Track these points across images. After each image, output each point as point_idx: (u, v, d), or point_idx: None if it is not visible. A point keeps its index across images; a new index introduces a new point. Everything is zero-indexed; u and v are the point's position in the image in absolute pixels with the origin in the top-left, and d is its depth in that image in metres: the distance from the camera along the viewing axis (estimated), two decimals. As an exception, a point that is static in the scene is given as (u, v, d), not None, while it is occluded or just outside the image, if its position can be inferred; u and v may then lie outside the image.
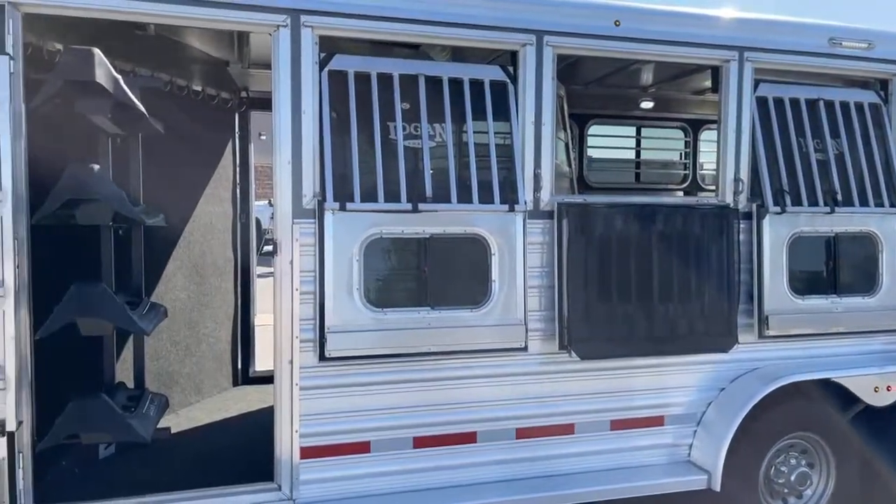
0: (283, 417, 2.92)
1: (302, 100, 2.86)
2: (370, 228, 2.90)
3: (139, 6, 2.67)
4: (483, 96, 3.10)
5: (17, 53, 2.51)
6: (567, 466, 3.29)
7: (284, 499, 2.94)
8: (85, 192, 2.43)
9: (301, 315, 2.89)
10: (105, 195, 2.47)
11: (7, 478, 2.55)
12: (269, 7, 2.80)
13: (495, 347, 3.06)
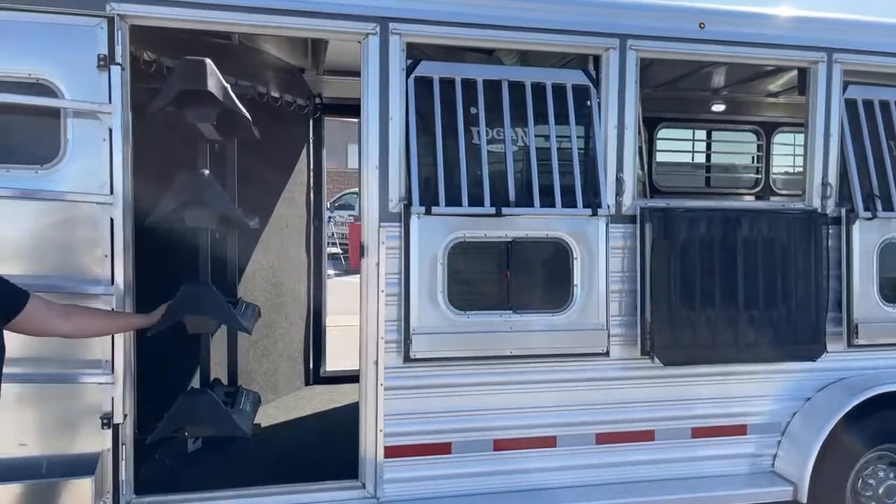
0: (368, 417, 2.97)
1: (389, 106, 2.92)
2: (454, 232, 2.94)
3: (237, 17, 2.77)
4: (565, 100, 3.11)
5: (126, 63, 2.64)
6: (646, 473, 3.26)
7: (369, 497, 2.99)
8: (197, 196, 2.54)
9: (386, 316, 2.94)
10: (215, 199, 2.58)
11: (112, 468, 2.68)
12: (359, 16, 2.87)
13: (577, 352, 3.06)
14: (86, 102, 2.55)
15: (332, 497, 2.99)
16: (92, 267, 2.62)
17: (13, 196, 2.52)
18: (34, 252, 2.57)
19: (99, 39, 2.59)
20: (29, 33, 2.54)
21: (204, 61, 2.58)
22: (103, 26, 2.59)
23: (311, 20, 2.84)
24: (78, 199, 2.57)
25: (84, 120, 2.59)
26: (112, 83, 2.54)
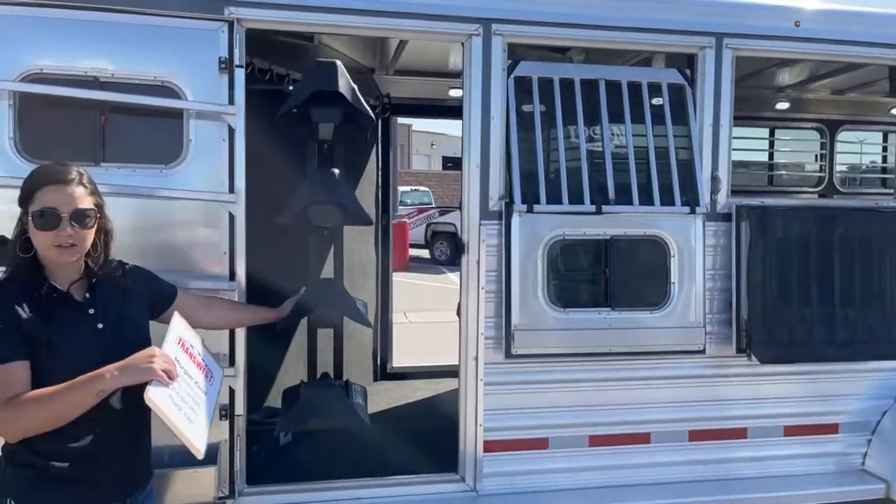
0: (468, 412, 3.03)
1: (491, 105, 2.96)
2: (554, 230, 2.98)
3: (345, 19, 2.83)
4: (661, 99, 3.13)
5: (243, 66, 2.71)
6: (738, 471, 3.27)
7: (468, 490, 3.04)
8: (326, 194, 2.61)
9: (486, 313, 2.99)
10: (342, 198, 2.65)
11: (228, 458, 2.76)
12: (463, 17, 2.92)
13: (673, 349, 3.08)
14: (209, 104, 2.63)
15: (432, 490, 3.04)
16: (211, 263, 2.70)
17: (140, 194, 2.61)
18: (158, 248, 2.65)
19: (220, 43, 2.67)
20: (154, 37, 2.62)
21: (335, 63, 2.65)
22: (224, 30, 2.67)
23: (418, 22, 2.90)
24: (200, 198, 2.65)
25: (204, 121, 2.67)
26: (236, 85, 2.61)
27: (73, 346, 1.71)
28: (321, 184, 2.63)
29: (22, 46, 2.52)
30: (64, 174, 1.75)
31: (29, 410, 1.61)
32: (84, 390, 1.62)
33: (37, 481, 1.69)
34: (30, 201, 1.72)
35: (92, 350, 1.73)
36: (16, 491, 1.69)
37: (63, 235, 1.71)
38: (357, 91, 2.74)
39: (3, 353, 1.64)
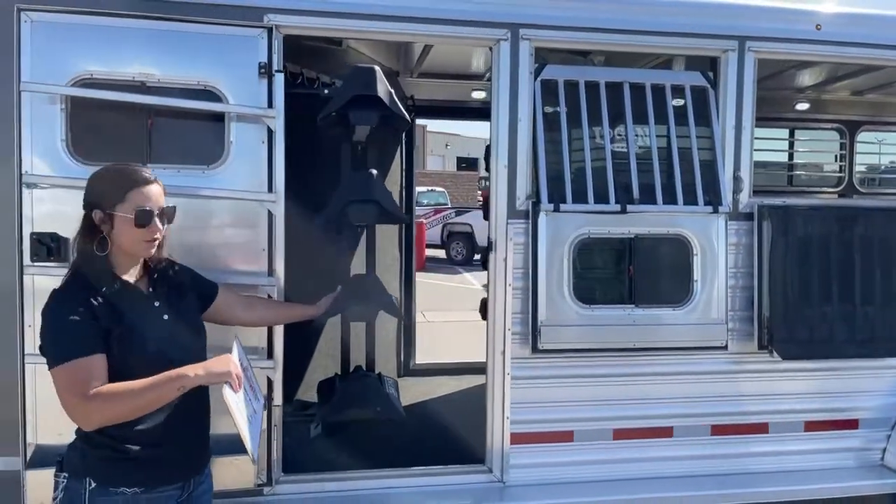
0: (495, 405, 3.12)
1: (518, 108, 3.06)
2: (579, 229, 3.06)
3: (379, 25, 2.93)
4: (684, 101, 3.21)
5: (283, 70, 2.82)
6: (759, 465, 3.34)
7: (495, 481, 3.14)
8: (365, 194, 2.72)
9: (513, 309, 3.09)
10: (381, 197, 2.75)
11: (266, 446, 2.87)
12: (492, 23, 3.01)
13: (696, 345, 3.15)
14: (250, 107, 2.74)
15: (460, 480, 3.14)
16: (251, 260, 2.82)
17: (183, 194, 2.72)
18: (200, 246, 2.77)
19: (259, 49, 2.78)
20: (197, 44, 2.74)
21: (374, 68, 2.76)
22: (263, 36, 2.78)
23: (448, 27, 2.99)
24: (241, 197, 2.76)
25: (245, 123, 2.79)
26: (275, 89, 2.72)
27: (145, 337, 1.84)
28: (360, 183, 2.74)
29: (73, 53, 2.65)
30: (148, 175, 1.93)
31: (112, 404, 1.72)
32: (168, 386, 1.75)
33: (112, 461, 1.82)
34: (120, 201, 1.85)
35: (161, 340, 1.87)
36: (94, 470, 1.82)
37: (154, 231, 1.89)
38: (394, 95, 2.84)
39: (86, 346, 1.75)
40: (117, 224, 1.85)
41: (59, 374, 1.74)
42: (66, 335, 1.75)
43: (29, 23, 2.60)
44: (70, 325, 1.75)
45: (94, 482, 1.80)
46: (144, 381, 1.74)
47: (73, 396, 1.72)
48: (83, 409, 1.72)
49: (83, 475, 1.81)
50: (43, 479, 2.66)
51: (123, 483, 1.81)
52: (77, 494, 1.81)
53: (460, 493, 3.10)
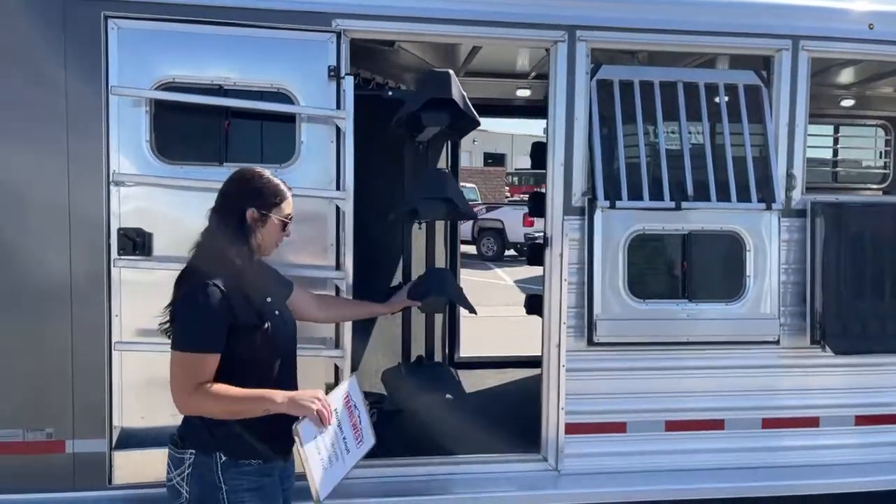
0: (551, 396, 3.22)
1: (575, 107, 3.14)
2: (634, 225, 3.15)
3: (441, 28, 3.05)
4: (737, 100, 3.27)
5: (351, 73, 2.95)
6: (809, 458, 3.39)
7: (550, 469, 3.24)
8: (439, 191, 2.84)
9: (568, 303, 3.18)
10: (453, 194, 2.87)
11: (333, 434, 3.01)
12: (550, 25, 3.10)
13: (749, 340, 3.22)
14: (322, 109, 2.87)
15: (516, 468, 3.25)
16: (319, 255, 2.95)
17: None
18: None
19: (329, 52, 2.91)
20: (271, 48, 2.88)
21: (448, 73, 2.88)
22: (333, 41, 2.91)
23: (507, 30, 3.09)
24: (313, 195, 2.89)
25: (314, 124, 2.92)
26: (346, 91, 2.85)
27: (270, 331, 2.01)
28: (434, 180, 2.86)
29: (157, 58, 2.80)
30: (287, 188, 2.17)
31: (208, 404, 1.91)
32: (257, 405, 1.92)
33: (240, 437, 1.97)
34: (277, 206, 2.10)
35: (279, 334, 2.05)
36: (225, 445, 1.96)
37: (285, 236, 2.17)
38: (466, 97, 2.95)
39: (211, 344, 1.91)
40: (269, 225, 2.07)
41: (179, 358, 1.91)
42: (200, 326, 1.91)
43: (116, 30, 2.76)
44: (206, 318, 1.91)
45: (225, 456, 1.94)
46: (239, 392, 1.91)
47: (181, 383, 1.91)
48: (184, 398, 1.91)
49: (214, 450, 1.95)
50: (128, 460, 2.84)
51: (251, 455, 1.96)
52: (208, 468, 1.95)
53: (516, 481, 3.20)
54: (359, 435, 2.05)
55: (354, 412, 2.05)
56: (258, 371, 2.00)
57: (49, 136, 2.76)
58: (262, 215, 2.06)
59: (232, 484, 1.95)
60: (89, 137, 2.77)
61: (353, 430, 2.03)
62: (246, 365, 1.97)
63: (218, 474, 1.94)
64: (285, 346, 2.10)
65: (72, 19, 2.75)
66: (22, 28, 2.74)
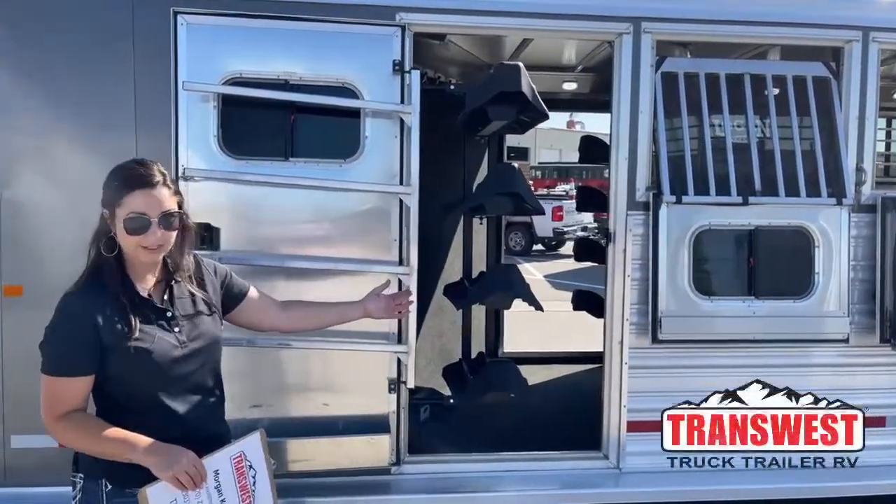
0: (612, 394, 3.18)
1: (640, 100, 3.09)
2: (700, 220, 3.09)
3: (502, 21, 3.02)
4: (806, 92, 3.19)
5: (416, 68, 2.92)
6: (873, 458, 3.31)
7: (611, 467, 3.21)
8: (509, 186, 2.82)
9: (631, 300, 3.14)
10: (522, 189, 2.85)
11: (395, 427, 3.01)
12: (614, 17, 3.05)
13: (817, 338, 3.15)
14: (388, 103, 2.86)
15: (577, 466, 3.22)
16: (382, 250, 2.94)
17: (322, 187, 2.86)
18: (337, 235, 2.92)
19: (394, 47, 2.89)
20: (336, 43, 2.87)
21: (518, 65, 2.85)
22: (398, 35, 2.89)
23: (571, 22, 3.05)
24: (377, 190, 2.88)
25: (379, 119, 2.90)
26: (412, 86, 2.83)
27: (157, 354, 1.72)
28: (505, 175, 2.83)
29: (225, 53, 2.81)
30: (150, 177, 1.72)
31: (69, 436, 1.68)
32: (117, 450, 1.65)
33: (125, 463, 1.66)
34: (117, 205, 1.70)
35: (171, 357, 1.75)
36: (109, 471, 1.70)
37: (151, 239, 1.70)
38: (535, 90, 2.92)
39: (75, 367, 1.66)
40: (117, 227, 1.71)
41: (44, 382, 1.69)
42: (63, 348, 1.68)
43: (185, 25, 2.77)
44: (70, 339, 1.67)
45: (110, 484, 1.71)
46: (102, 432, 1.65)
47: (45, 409, 1.70)
48: (48, 426, 1.71)
49: (99, 476, 1.72)
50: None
51: (136, 484, 1.64)
52: (94, 495, 1.71)
53: (578, 479, 3.18)
54: (248, 497, 1.79)
55: (248, 473, 1.79)
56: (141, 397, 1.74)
57: (118, 131, 2.78)
58: (110, 217, 1.72)
59: None
60: (158, 133, 2.79)
61: (240, 491, 1.77)
62: (126, 387, 1.72)
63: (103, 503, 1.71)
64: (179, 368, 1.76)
65: (141, 15, 2.77)
66: (91, 25, 2.76)
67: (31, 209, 2.80)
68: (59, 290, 1.62)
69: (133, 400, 1.74)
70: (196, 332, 1.82)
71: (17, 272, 2.80)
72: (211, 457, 1.71)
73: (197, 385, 1.82)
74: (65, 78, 2.78)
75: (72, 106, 2.79)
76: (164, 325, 1.77)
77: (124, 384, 1.71)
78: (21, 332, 2.79)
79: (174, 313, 1.80)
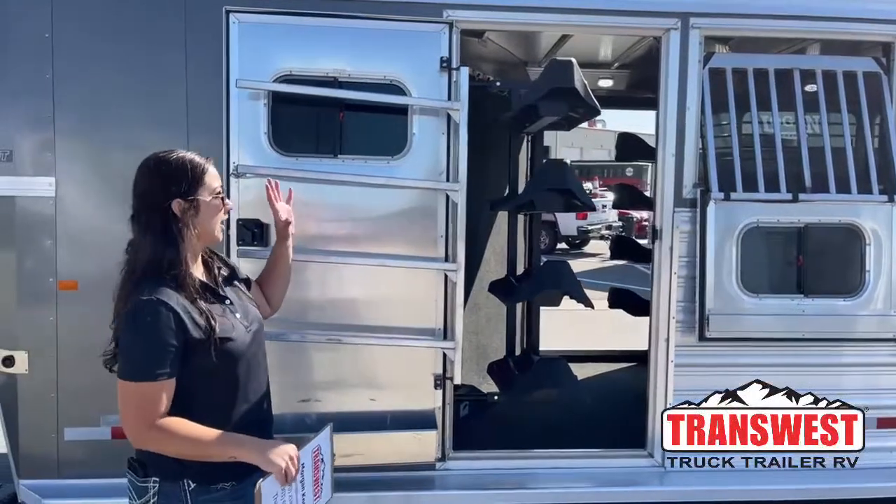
0: (658, 391, 3.16)
1: (687, 97, 3.07)
2: (748, 217, 3.06)
3: (548, 18, 3.02)
4: (856, 88, 3.14)
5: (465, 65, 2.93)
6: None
7: (657, 465, 3.19)
8: (560, 182, 2.82)
9: (678, 297, 3.12)
10: (575, 186, 2.85)
11: (441, 423, 3.02)
12: (662, 12, 3.03)
13: (868, 337, 3.11)
14: (437, 100, 2.87)
15: (622, 464, 3.21)
16: (429, 246, 2.95)
17: (370, 183, 2.88)
18: (384, 231, 2.93)
19: (441, 44, 2.90)
20: (384, 40, 2.88)
21: (571, 61, 2.85)
22: (445, 32, 2.90)
23: (617, 18, 3.04)
24: (424, 186, 2.90)
25: (426, 116, 2.92)
26: (460, 82, 2.83)
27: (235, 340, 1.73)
28: (556, 172, 2.83)
29: (276, 51, 2.83)
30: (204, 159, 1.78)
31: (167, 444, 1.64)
32: (222, 450, 1.65)
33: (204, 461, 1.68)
34: (197, 190, 1.72)
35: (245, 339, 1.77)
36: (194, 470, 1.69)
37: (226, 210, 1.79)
38: (587, 86, 2.91)
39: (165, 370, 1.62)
40: (203, 208, 1.73)
41: (131, 389, 1.63)
42: (150, 353, 1.62)
43: (237, 24, 2.80)
44: (155, 342, 1.62)
45: (194, 482, 1.69)
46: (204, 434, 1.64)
47: (136, 418, 1.64)
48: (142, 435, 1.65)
49: (181, 477, 1.69)
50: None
51: (224, 478, 1.70)
52: (175, 497, 1.70)
53: (622, 477, 3.17)
54: (319, 490, 1.84)
55: (320, 466, 1.85)
56: (224, 386, 1.74)
57: (170, 129, 2.82)
58: (189, 202, 1.71)
59: None
60: (210, 130, 2.82)
61: (314, 485, 1.82)
62: (210, 382, 1.71)
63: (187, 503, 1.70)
64: (251, 351, 1.80)
65: (193, 14, 2.80)
66: (145, 24, 2.80)
67: (86, 207, 2.85)
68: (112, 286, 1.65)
69: (213, 393, 1.73)
70: (250, 315, 1.85)
71: (73, 267, 2.85)
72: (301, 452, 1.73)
73: (261, 369, 1.85)
74: (119, 76, 2.82)
75: (125, 104, 2.83)
76: (230, 310, 1.78)
77: (208, 377, 1.70)
78: (76, 325, 2.86)
79: (232, 302, 1.81)
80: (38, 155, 2.83)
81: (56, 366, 2.88)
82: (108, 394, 2.86)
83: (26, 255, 2.85)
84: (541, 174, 2.88)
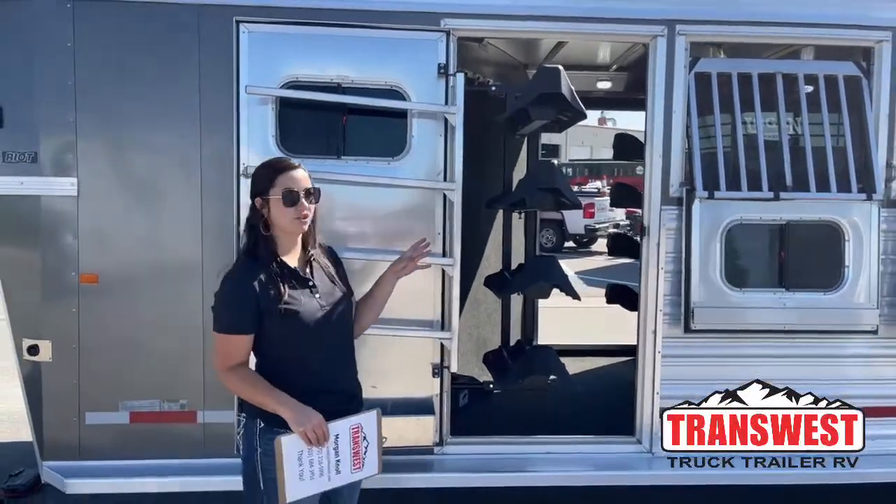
0: (646, 381, 3.32)
1: (673, 100, 3.22)
2: (732, 215, 3.22)
3: (542, 25, 3.17)
4: (837, 91, 3.28)
5: (462, 71, 3.09)
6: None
7: (645, 451, 3.35)
8: (549, 182, 2.98)
9: (664, 291, 3.27)
10: (561, 185, 3.01)
11: (439, 409, 3.19)
12: (650, 20, 3.19)
13: (847, 329, 3.25)
14: (436, 105, 3.04)
15: (612, 450, 3.37)
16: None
17: (371, 183, 3.06)
18: (385, 229, 3.11)
19: (439, 51, 3.07)
20: (385, 48, 3.05)
21: (559, 68, 3.01)
22: (443, 40, 3.06)
23: (606, 25, 3.19)
24: (423, 186, 3.07)
25: (424, 119, 3.08)
26: (457, 87, 3.00)
27: (303, 315, 2.11)
28: (544, 172, 2.99)
29: (283, 59, 3.01)
30: (290, 163, 2.17)
31: (234, 385, 2.11)
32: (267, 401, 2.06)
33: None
34: (271, 188, 2.11)
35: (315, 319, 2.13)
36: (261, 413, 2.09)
37: (302, 208, 2.12)
38: (574, 91, 3.08)
39: (243, 326, 2.07)
40: (273, 206, 2.11)
41: (218, 339, 2.10)
42: (233, 310, 2.08)
43: (247, 33, 2.98)
44: (238, 302, 2.06)
45: (263, 423, 2.10)
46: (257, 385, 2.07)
47: (218, 361, 2.12)
48: (220, 374, 2.13)
49: (255, 416, 2.12)
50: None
51: (281, 425, 2.04)
52: (251, 432, 2.13)
53: (613, 462, 3.33)
54: (359, 462, 2.14)
55: (362, 443, 2.14)
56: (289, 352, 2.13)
57: (185, 132, 3.01)
58: (264, 201, 2.12)
59: (266, 448, 2.07)
60: (221, 133, 3.01)
61: (353, 455, 2.13)
62: (277, 347, 2.11)
63: (257, 438, 2.10)
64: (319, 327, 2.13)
65: (206, 25, 2.98)
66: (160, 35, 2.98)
67: (105, 205, 3.04)
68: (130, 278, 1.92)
69: (282, 359, 2.13)
70: (333, 299, 2.21)
71: (94, 261, 3.04)
72: (334, 423, 2.07)
73: (334, 346, 2.22)
74: (136, 83, 3.00)
75: (143, 108, 3.01)
76: (308, 291, 2.15)
77: (276, 343, 2.11)
78: (96, 316, 3.05)
79: (315, 282, 2.18)
80: (61, 156, 3.01)
81: (78, 354, 3.08)
82: (126, 381, 3.09)
83: (50, 251, 3.04)
84: (530, 175, 3.04)
